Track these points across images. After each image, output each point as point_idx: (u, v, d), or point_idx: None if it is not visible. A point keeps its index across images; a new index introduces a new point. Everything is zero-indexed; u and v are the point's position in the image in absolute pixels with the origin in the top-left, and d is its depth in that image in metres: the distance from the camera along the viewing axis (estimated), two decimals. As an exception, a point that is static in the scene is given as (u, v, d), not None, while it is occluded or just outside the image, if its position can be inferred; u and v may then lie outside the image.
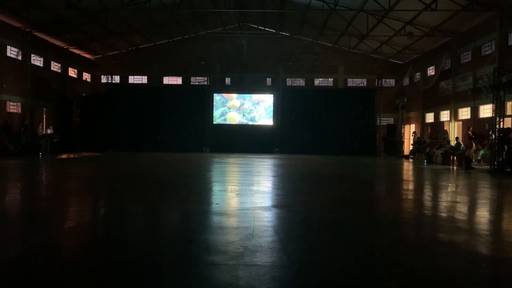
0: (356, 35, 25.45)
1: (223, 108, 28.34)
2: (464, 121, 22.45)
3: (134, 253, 4.43)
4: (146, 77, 32.23)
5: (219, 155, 24.21)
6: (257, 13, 26.57)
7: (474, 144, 18.03)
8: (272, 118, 28.26)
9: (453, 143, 20.14)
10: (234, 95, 28.57)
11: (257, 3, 24.67)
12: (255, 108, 28.42)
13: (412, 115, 29.55)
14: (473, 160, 17.33)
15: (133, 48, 30.77)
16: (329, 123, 27.33)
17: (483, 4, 18.23)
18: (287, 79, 31.97)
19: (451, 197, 9.41)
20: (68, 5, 19.51)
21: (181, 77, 32.25)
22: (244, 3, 24.70)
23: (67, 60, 28.12)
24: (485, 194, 9.84)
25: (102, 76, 31.67)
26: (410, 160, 23.13)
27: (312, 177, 13.36)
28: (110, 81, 30.65)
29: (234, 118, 28.40)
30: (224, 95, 28.63)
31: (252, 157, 22.21)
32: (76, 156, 21.36)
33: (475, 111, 21.08)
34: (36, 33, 24.28)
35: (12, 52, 22.71)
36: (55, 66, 27.08)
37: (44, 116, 26.13)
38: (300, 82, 32.18)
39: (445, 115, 24.90)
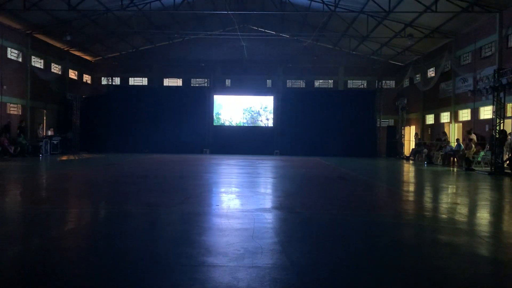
0: (356, 36, 25.48)
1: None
2: (464, 122, 22.46)
3: (134, 255, 4.43)
4: (146, 78, 32.26)
5: (219, 156, 24.21)
6: (257, 15, 26.58)
7: (474, 146, 18.03)
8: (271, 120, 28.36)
9: (453, 144, 20.14)
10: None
11: (257, 5, 24.70)
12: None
13: (412, 117, 29.56)
14: (473, 161, 17.32)
15: (134, 50, 30.81)
16: (329, 125, 27.35)
17: (483, 6, 18.26)
18: (287, 80, 31.99)
19: (451, 199, 9.40)
20: (69, 7, 19.54)
21: (181, 79, 32.28)
22: (244, 5, 24.72)
23: (68, 61, 28.14)
24: (485, 196, 9.83)
25: (103, 78, 31.71)
26: (411, 161, 23.13)
27: (312, 179, 13.35)
28: (110, 83, 30.71)
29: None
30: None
31: (252, 159, 22.21)
32: (76, 158, 21.36)
33: (475, 113, 21.09)
34: (37, 35, 24.33)
35: (12, 54, 22.74)
36: (55, 68, 27.11)
37: (45, 117, 26.16)
38: (300, 83, 32.20)
39: (445, 117, 24.91)
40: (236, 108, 29.00)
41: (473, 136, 18.78)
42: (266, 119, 29.08)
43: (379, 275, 3.95)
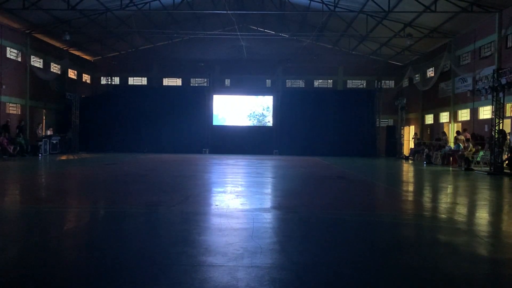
0: (356, 36, 25.48)
1: None
2: (463, 122, 22.48)
3: (133, 254, 4.43)
4: (146, 78, 32.26)
5: (219, 156, 24.21)
6: (256, 14, 26.60)
7: (471, 145, 18.05)
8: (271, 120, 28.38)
9: (452, 144, 20.17)
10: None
11: (257, 4, 24.71)
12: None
13: (412, 117, 29.57)
14: (472, 161, 17.34)
15: (133, 49, 30.80)
16: (329, 125, 27.35)
17: (482, 6, 18.27)
18: (287, 80, 32.01)
19: (450, 199, 9.41)
20: (68, 6, 19.53)
21: (180, 79, 32.27)
22: (244, 5, 24.73)
23: (67, 61, 28.09)
24: (484, 196, 9.84)
25: (102, 78, 31.70)
26: (410, 161, 23.15)
27: (311, 178, 13.35)
28: (110, 83, 30.69)
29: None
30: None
31: (252, 159, 22.22)
32: (76, 157, 21.35)
33: (474, 113, 21.11)
34: (36, 35, 24.30)
35: (11, 53, 22.72)
36: (54, 68, 27.09)
37: (44, 117, 26.14)
38: (300, 83, 32.21)
39: (444, 117, 24.93)
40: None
41: (461, 137, 18.99)
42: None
43: (378, 274, 3.96)
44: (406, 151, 26.72)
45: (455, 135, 20.12)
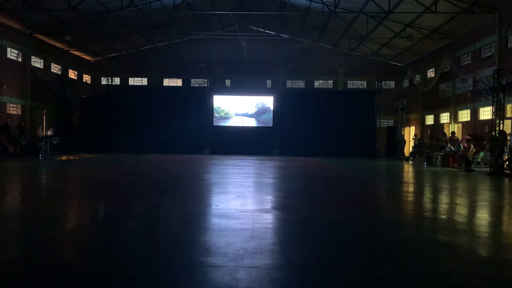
0: (356, 37, 25.48)
1: None
2: (464, 123, 22.47)
3: (133, 255, 4.43)
4: (146, 79, 32.27)
5: (219, 156, 24.21)
6: (257, 15, 26.59)
7: (472, 146, 18.04)
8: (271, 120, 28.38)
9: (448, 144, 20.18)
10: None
11: (257, 5, 24.71)
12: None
13: (412, 117, 29.57)
14: (473, 162, 17.32)
15: (133, 50, 30.80)
16: (329, 125, 27.34)
17: (483, 7, 18.27)
18: (287, 81, 32.02)
19: (450, 199, 9.41)
20: (68, 6, 19.55)
21: (181, 79, 32.28)
22: (244, 6, 24.74)
23: (67, 61, 28.12)
24: (484, 196, 9.83)
25: (102, 78, 31.71)
26: (410, 162, 23.13)
27: (311, 179, 13.35)
28: (110, 83, 30.71)
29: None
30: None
31: (252, 159, 22.21)
32: (76, 158, 21.36)
33: (475, 114, 21.10)
34: (36, 35, 24.32)
35: (12, 54, 22.74)
36: (55, 68, 27.11)
37: (44, 118, 26.15)
38: (300, 84, 32.22)
39: (445, 117, 24.92)
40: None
41: (456, 137, 19.10)
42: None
43: (378, 275, 3.95)
44: (406, 152, 26.70)
45: (450, 135, 20.20)
